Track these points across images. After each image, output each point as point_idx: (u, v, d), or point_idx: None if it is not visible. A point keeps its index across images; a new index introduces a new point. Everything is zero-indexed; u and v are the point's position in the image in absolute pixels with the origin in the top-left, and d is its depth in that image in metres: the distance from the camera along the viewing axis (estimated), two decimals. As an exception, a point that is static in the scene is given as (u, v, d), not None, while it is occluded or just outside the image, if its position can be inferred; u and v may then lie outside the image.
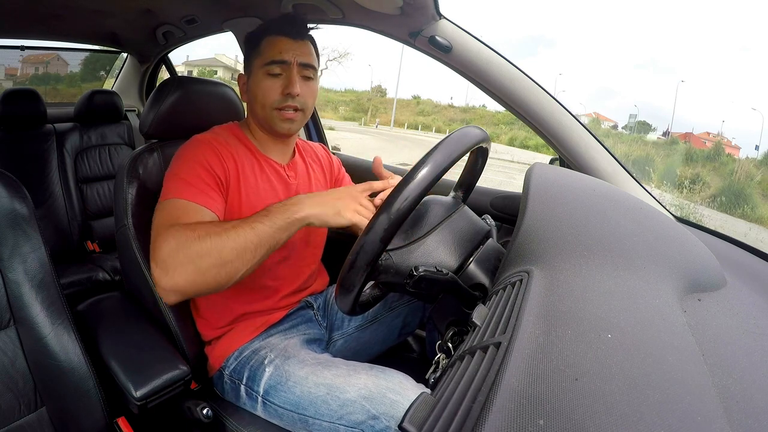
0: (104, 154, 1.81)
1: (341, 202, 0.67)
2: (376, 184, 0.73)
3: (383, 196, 0.74)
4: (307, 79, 0.81)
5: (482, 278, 0.63)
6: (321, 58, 0.89)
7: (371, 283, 0.73)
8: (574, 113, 0.94)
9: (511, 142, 21.44)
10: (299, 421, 0.68)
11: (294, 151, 0.91)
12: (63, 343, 0.66)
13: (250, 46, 0.83)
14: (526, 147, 20.05)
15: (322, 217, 0.65)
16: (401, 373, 0.67)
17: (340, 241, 1.11)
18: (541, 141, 0.98)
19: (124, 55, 2.15)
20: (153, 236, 0.65)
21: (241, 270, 0.62)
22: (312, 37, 0.85)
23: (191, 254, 0.60)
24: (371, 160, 1.45)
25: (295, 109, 0.80)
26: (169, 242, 0.61)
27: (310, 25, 0.85)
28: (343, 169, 1.03)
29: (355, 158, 1.48)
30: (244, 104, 0.91)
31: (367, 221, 0.66)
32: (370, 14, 0.96)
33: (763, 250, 0.78)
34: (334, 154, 1.06)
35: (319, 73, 0.87)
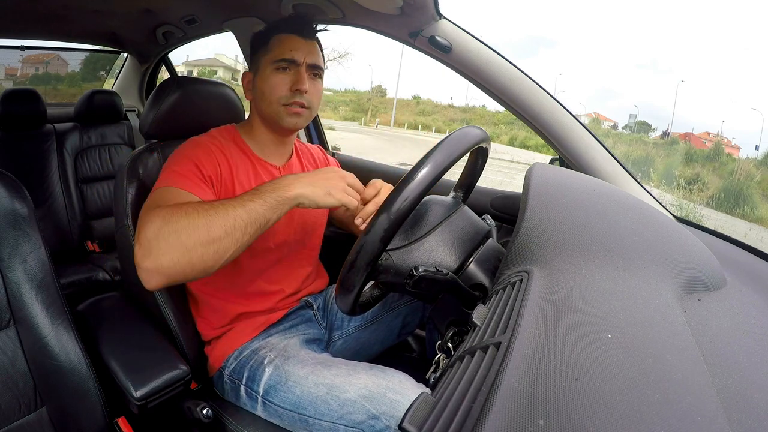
0: (104, 154, 1.81)
1: (331, 183, 0.66)
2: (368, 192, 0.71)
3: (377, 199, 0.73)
4: (315, 77, 0.82)
5: (482, 278, 0.63)
6: (321, 58, 0.89)
7: (371, 283, 0.73)
8: (574, 113, 0.94)
9: (511, 142, 21.43)
10: (299, 421, 0.68)
11: (292, 152, 0.91)
12: (63, 343, 0.66)
13: (258, 43, 0.83)
14: (526, 147, 20.04)
15: (313, 196, 0.64)
16: (401, 372, 0.67)
17: (339, 241, 1.11)
18: (541, 141, 0.98)
19: (124, 55, 2.15)
20: (139, 221, 0.62)
21: (229, 250, 0.59)
22: (318, 39, 0.85)
23: (177, 229, 0.57)
24: (371, 160, 1.46)
25: (302, 106, 0.79)
26: (155, 221, 0.58)
27: (318, 27, 0.85)
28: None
29: (355, 158, 1.48)
30: (245, 104, 0.90)
31: (356, 202, 0.66)
32: (370, 14, 0.96)
33: (763, 250, 0.78)
34: (333, 154, 1.06)
35: None
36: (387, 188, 0.74)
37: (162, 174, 0.71)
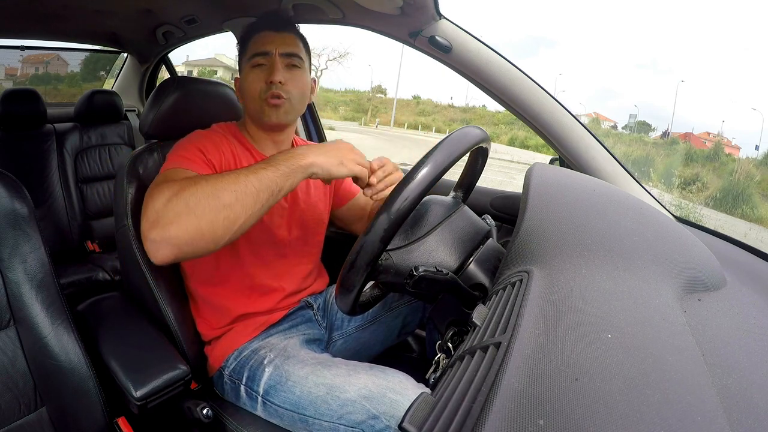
0: (104, 154, 1.81)
1: (343, 153, 0.66)
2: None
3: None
4: (293, 67, 0.81)
5: (482, 278, 0.63)
6: (321, 58, 0.91)
7: (371, 283, 0.73)
8: (574, 113, 0.94)
9: (511, 142, 21.43)
10: (299, 421, 0.68)
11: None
12: (63, 343, 0.66)
13: (241, 48, 0.85)
14: (526, 147, 20.04)
15: (326, 165, 0.64)
16: (401, 372, 0.67)
17: (340, 240, 1.11)
18: (541, 141, 0.98)
19: (124, 55, 2.15)
20: (146, 197, 0.61)
21: (240, 217, 0.57)
22: (297, 31, 0.85)
23: (186, 196, 0.56)
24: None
25: (279, 97, 0.78)
26: (163, 193, 0.57)
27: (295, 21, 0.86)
28: None
29: None
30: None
31: (367, 174, 0.68)
32: (370, 14, 0.96)
33: (763, 250, 0.78)
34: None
35: (318, 72, 0.88)
36: (391, 165, 0.74)
37: (169, 158, 0.73)
